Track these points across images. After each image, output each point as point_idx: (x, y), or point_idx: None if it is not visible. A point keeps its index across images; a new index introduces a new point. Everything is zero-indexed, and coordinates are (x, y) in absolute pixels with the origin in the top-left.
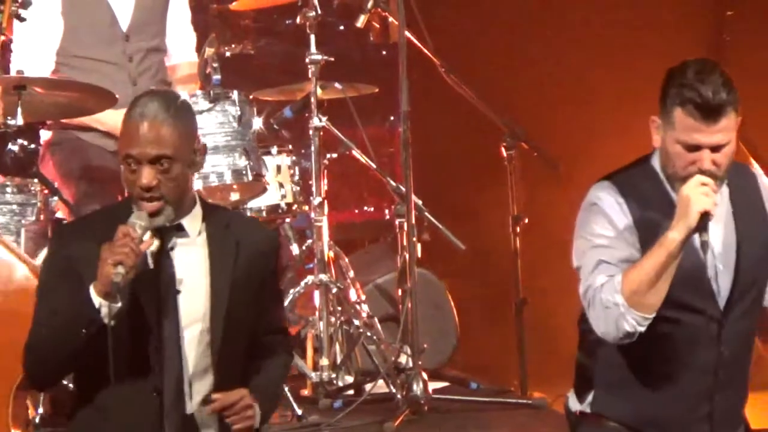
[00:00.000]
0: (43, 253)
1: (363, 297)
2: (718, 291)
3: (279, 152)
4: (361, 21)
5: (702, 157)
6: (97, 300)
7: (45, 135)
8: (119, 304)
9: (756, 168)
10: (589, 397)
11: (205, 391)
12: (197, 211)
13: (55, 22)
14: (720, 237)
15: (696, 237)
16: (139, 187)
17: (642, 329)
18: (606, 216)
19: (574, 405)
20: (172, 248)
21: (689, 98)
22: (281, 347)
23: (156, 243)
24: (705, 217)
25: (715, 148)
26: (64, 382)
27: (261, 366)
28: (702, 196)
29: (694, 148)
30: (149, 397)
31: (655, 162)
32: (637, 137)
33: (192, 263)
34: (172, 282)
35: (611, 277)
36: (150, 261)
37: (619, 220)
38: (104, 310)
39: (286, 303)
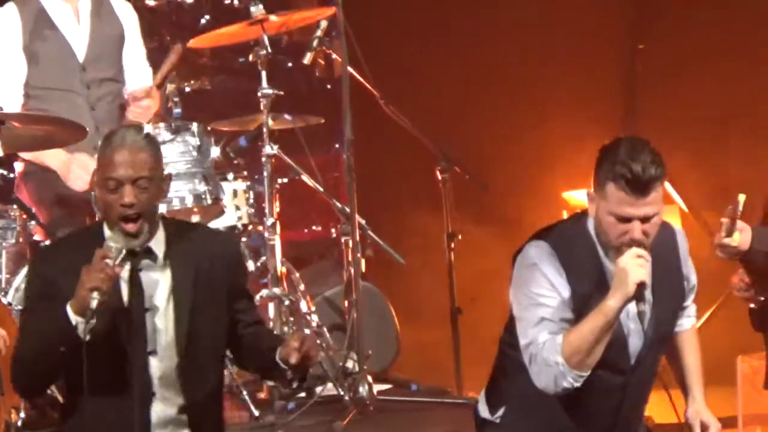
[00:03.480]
0: (23, 272)
1: (313, 308)
2: (629, 348)
3: (235, 178)
4: (307, 58)
5: (633, 228)
6: (74, 318)
7: (18, 166)
8: (94, 321)
9: (678, 231)
10: (500, 412)
11: (174, 397)
12: (161, 234)
13: (19, 58)
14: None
15: (631, 306)
16: (122, 206)
17: (578, 385)
18: (547, 279)
19: (485, 413)
20: (140, 269)
21: (621, 174)
22: (265, 332)
23: (127, 267)
24: (641, 287)
25: (645, 219)
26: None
27: (258, 342)
28: (638, 268)
29: (626, 219)
30: (122, 405)
31: (590, 226)
32: (549, 164)
33: (159, 282)
34: (141, 301)
35: (553, 335)
36: (122, 283)
37: (558, 284)
38: (81, 327)
39: None
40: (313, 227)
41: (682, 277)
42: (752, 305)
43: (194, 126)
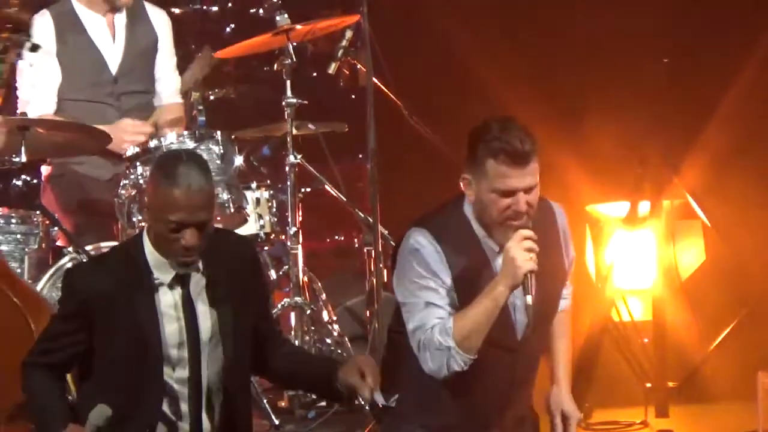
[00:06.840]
0: (45, 277)
1: (334, 318)
2: (516, 325)
3: (258, 187)
4: (332, 68)
5: (518, 200)
6: None
7: (45, 169)
8: None
9: (555, 206)
10: (395, 397)
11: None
12: None
13: (53, 64)
14: None
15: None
16: (184, 248)
17: (466, 368)
18: (428, 264)
19: (381, 400)
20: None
21: (500, 148)
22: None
23: (179, 291)
24: (529, 276)
25: (527, 190)
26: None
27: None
28: (526, 256)
29: (510, 193)
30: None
31: (467, 211)
32: (573, 178)
33: (199, 293)
34: (195, 323)
35: (441, 320)
36: (173, 296)
37: (440, 270)
38: None
39: None
40: (336, 237)
41: (561, 251)
42: None
43: (218, 134)
